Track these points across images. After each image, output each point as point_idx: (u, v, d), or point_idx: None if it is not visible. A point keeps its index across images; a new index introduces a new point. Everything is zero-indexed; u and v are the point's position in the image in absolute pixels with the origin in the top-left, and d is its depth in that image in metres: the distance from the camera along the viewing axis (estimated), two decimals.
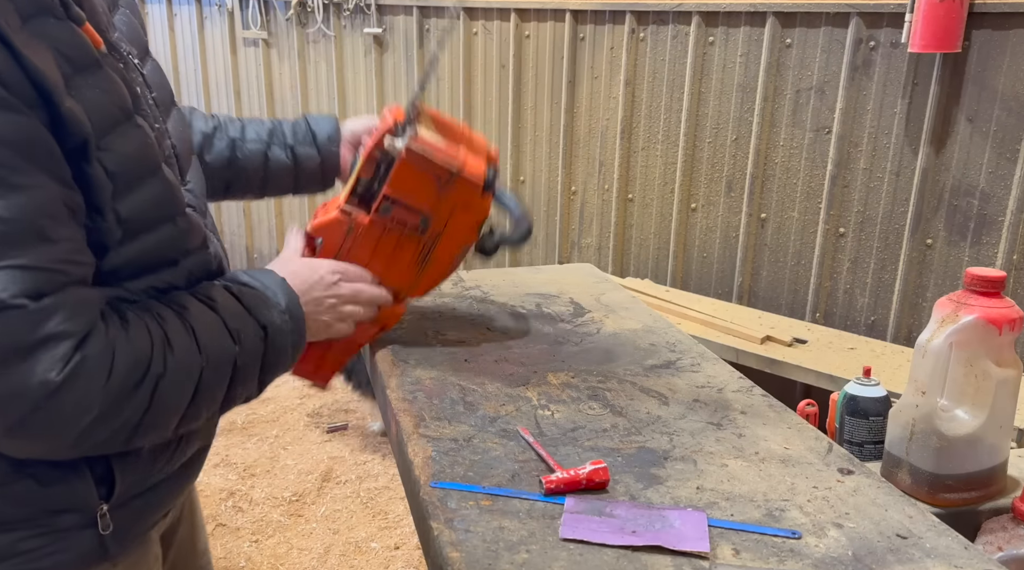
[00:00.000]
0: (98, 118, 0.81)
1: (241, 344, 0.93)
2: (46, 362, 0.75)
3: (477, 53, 3.81)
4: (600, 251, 3.59)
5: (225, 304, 0.94)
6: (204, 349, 0.89)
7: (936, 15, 2.44)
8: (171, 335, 0.86)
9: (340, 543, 2.75)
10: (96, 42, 0.83)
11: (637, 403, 1.15)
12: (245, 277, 1.00)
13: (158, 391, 0.84)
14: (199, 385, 0.88)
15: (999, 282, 1.13)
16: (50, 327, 0.76)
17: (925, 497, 1.17)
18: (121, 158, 0.83)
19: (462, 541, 0.84)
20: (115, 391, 0.80)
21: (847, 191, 2.87)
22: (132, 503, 0.96)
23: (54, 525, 0.89)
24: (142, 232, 0.88)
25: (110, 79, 0.84)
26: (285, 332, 0.98)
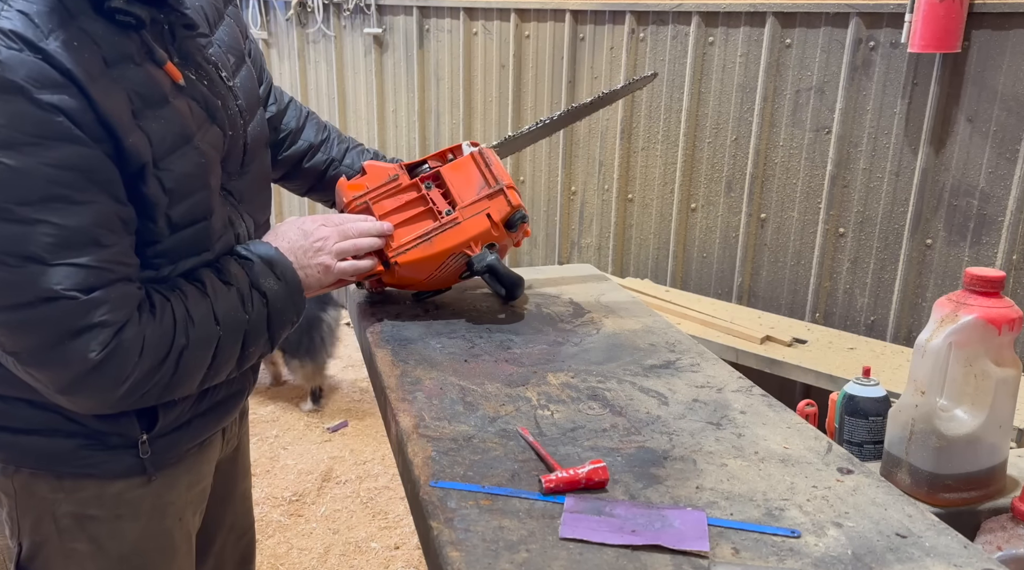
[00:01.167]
0: (160, 144, 1.00)
1: (249, 312, 1.09)
2: (91, 343, 0.94)
3: (477, 53, 3.81)
4: (600, 251, 3.59)
5: (238, 277, 1.11)
6: (221, 320, 1.06)
7: (936, 15, 2.44)
8: (192, 312, 1.04)
9: (340, 543, 2.75)
10: (175, 77, 1.03)
11: (637, 403, 1.15)
12: (244, 251, 1.15)
13: (183, 359, 1.03)
14: (216, 350, 1.06)
15: (998, 282, 1.13)
16: (96, 316, 0.94)
17: (924, 497, 1.17)
18: (178, 177, 1.02)
19: (462, 541, 0.84)
20: (147, 365, 0.99)
21: (847, 191, 2.87)
22: (169, 435, 1.14)
23: (105, 442, 1.10)
24: (184, 228, 1.06)
25: (179, 109, 1.03)
26: (282, 296, 1.14)
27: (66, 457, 1.10)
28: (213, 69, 1.12)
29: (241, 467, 1.45)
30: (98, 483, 1.12)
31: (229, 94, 1.14)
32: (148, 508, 1.16)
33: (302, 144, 1.46)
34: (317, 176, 1.49)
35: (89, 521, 1.13)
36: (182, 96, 1.04)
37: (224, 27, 1.18)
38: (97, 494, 1.12)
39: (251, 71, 1.24)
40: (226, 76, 1.14)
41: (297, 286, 1.16)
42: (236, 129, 1.15)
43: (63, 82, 0.90)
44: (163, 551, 1.19)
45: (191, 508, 1.24)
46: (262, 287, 1.12)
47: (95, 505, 1.13)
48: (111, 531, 1.14)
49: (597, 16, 3.35)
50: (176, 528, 1.20)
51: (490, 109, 3.82)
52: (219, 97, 1.11)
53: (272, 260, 1.15)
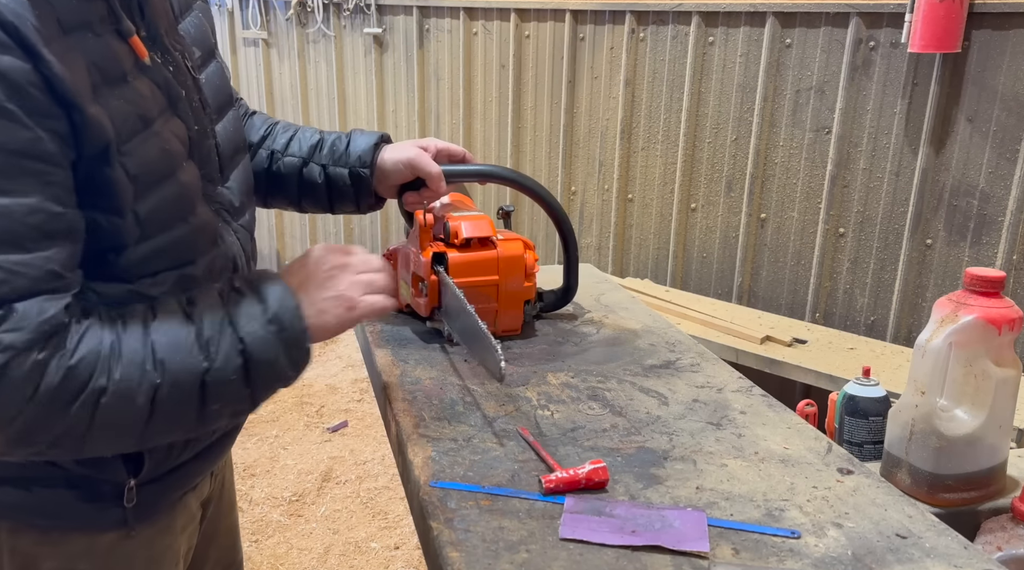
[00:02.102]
0: (121, 125, 0.85)
1: (212, 359, 0.86)
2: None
3: (477, 53, 3.81)
4: (600, 251, 3.59)
5: (206, 312, 0.89)
6: (161, 363, 0.84)
7: (936, 15, 2.44)
8: (124, 349, 0.83)
9: (340, 543, 2.75)
10: (141, 53, 0.90)
11: (637, 403, 1.15)
12: (240, 282, 0.95)
13: (101, 407, 0.81)
14: (155, 403, 0.84)
15: (999, 282, 1.13)
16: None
17: (924, 497, 1.17)
18: (141, 162, 0.87)
19: (462, 541, 0.84)
20: (43, 405, 0.78)
21: (847, 191, 2.87)
22: (160, 480, 1.01)
23: (92, 490, 0.96)
24: (158, 232, 0.91)
25: (137, 90, 0.89)
26: (269, 342, 0.89)
27: (47, 509, 0.96)
28: (180, 56, 0.99)
29: (226, 502, 1.32)
30: (87, 537, 0.99)
31: (194, 87, 1.01)
32: (143, 560, 1.04)
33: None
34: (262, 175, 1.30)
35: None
36: (143, 76, 0.90)
37: (191, 18, 1.06)
38: (87, 547, 0.99)
39: (220, 69, 1.11)
40: (192, 67, 1.02)
41: (298, 335, 0.92)
42: (202, 126, 1.01)
43: (5, 41, 0.75)
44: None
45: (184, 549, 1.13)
46: (241, 330, 0.89)
47: (84, 560, 1.00)
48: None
49: (597, 16, 3.35)
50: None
51: (490, 109, 3.82)
52: (183, 86, 0.97)
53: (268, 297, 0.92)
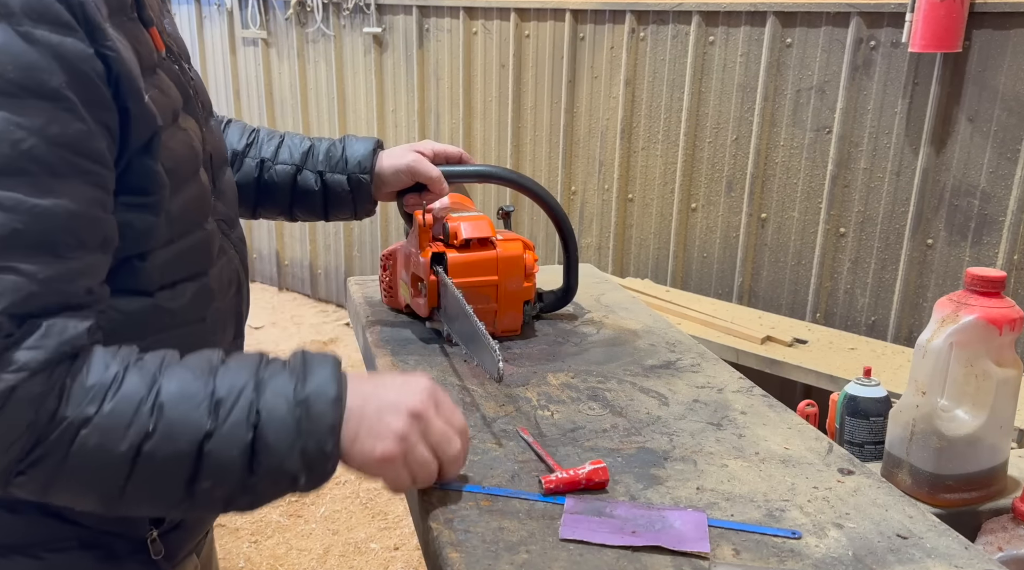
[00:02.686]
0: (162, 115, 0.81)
1: (219, 423, 0.74)
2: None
3: (477, 53, 3.81)
4: (600, 251, 3.59)
5: (232, 371, 0.78)
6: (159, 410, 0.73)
7: (937, 15, 2.44)
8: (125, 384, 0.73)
9: (339, 544, 2.75)
10: (159, 45, 0.86)
11: (637, 403, 1.15)
12: (296, 352, 0.82)
13: (78, 440, 0.71)
14: (140, 454, 0.72)
15: (999, 282, 1.13)
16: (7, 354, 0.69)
17: (925, 497, 1.17)
18: (173, 156, 0.83)
19: (462, 541, 0.84)
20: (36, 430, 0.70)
21: (847, 191, 2.86)
22: (179, 528, 0.95)
23: (109, 550, 0.88)
24: (181, 235, 0.87)
25: (166, 82, 0.86)
26: (288, 427, 0.76)
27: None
28: (178, 55, 0.96)
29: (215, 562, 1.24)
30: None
31: (191, 87, 0.96)
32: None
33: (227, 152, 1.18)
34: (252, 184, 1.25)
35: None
36: (162, 69, 0.87)
37: (168, 22, 1.01)
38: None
39: (199, 76, 1.05)
40: (189, 66, 0.99)
41: (321, 432, 0.77)
42: (204, 130, 0.97)
43: (70, 22, 0.70)
44: None
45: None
46: (261, 402, 0.76)
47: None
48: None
49: (597, 15, 3.35)
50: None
51: (490, 109, 3.82)
52: (188, 85, 0.94)
53: (310, 376, 0.78)
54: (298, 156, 1.28)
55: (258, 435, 0.75)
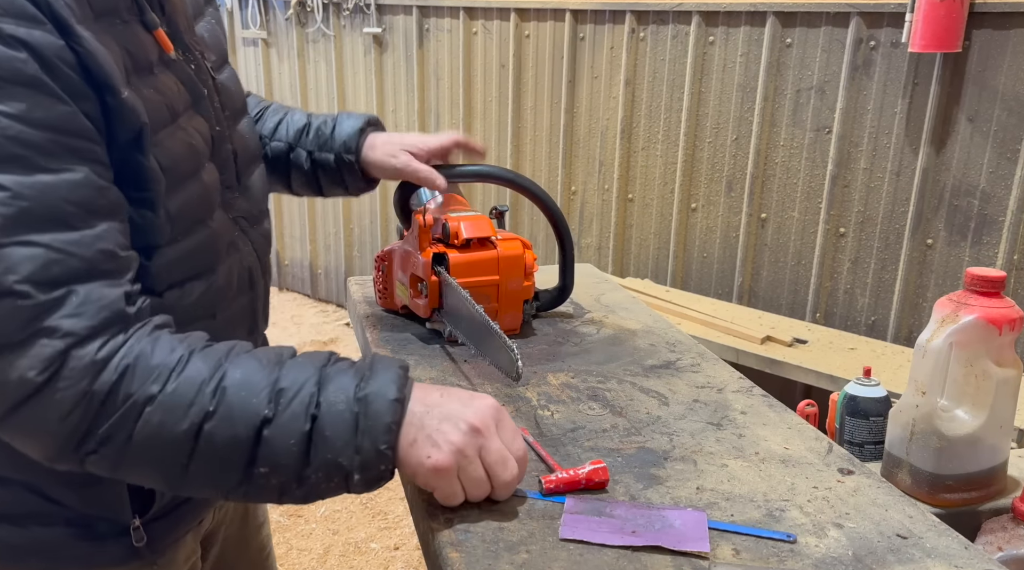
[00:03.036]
0: (152, 114, 0.82)
1: (279, 411, 0.77)
2: (34, 359, 0.70)
3: (477, 53, 3.81)
4: (600, 251, 3.59)
5: (298, 367, 0.80)
6: (221, 393, 0.76)
7: (936, 15, 2.44)
8: (189, 367, 0.76)
9: (340, 544, 2.75)
10: (166, 47, 0.88)
11: (637, 403, 1.15)
12: (365, 357, 0.85)
13: (143, 417, 0.74)
14: (200, 434, 0.75)
15: (999, 282, 1.13)
16: (48, 322, 0.71)
17: (925, 497, 1.17)
18: (170, 155, 0.85)
19: (462, 541, 0.84)
20: (95, 404, 0.73)
21: (847, 191, 2.87)
22: (167, 517, 0.96)
23: (91, 530, 0.90)
24: (184, 234, 0.88)
25: (166, 82, 0.87)
26: (345, 422, 0.78)
27: (44, 549, 0.89)
28: (199, 56, 0.97)
29: (251, 527, 1.27)
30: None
31: (214, 89, 0.99)
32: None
33: None
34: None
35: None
36: (168, 71, 0.89)
37: (204, 23, 1.04)
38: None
39: (234, 75, 1.09)
40: (211, 68, 1.00)
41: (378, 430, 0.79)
42: (222, 128, 0.99)
43: (36, 15, 0.71)
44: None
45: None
46: (323, 396, 0.78)
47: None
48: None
49: (597, 16, 3.35)
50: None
51: (490, 109, 3.82)
52: (204, 86, 0.95)
53: (373, 377, 0.80)
54: (292, 134, 1.29)
55: (315, 427, 0.77)
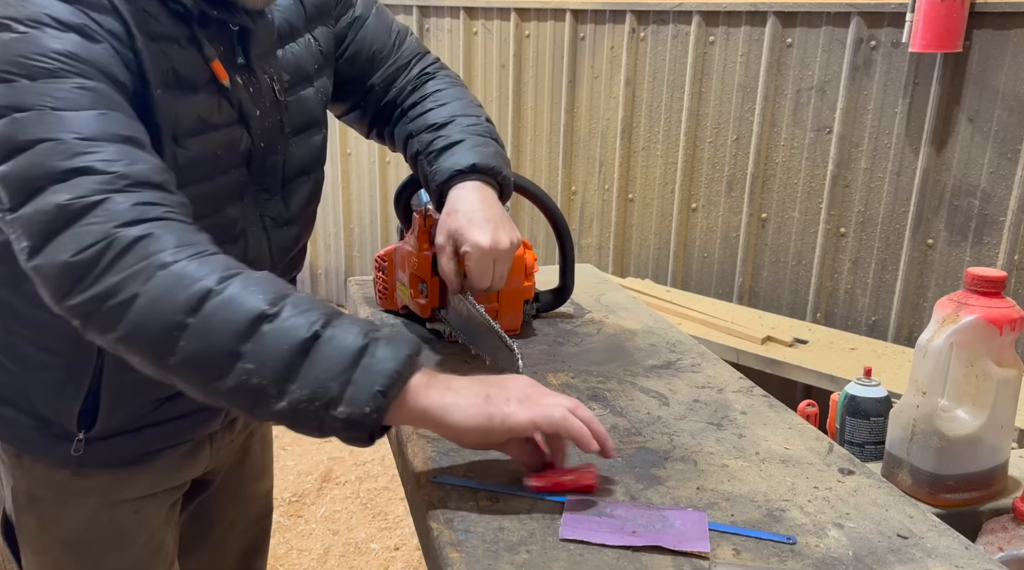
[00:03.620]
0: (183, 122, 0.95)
1: (278, 310, 0.80)
2: (74, 189, 0.78)
3: (477, 53, 3.81)
4: (600, 251, 3.59)
5: (315, 299, 0.85)
6: (226, 281, 0.80)
7: (937, 15, 2.44)
8: (209, 255, 0.82)
9: (340, 544, 2.75)
10: (220, 76, 0.98)
11: (637, 403, 1.15)
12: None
13: (153, 280, 0.78)
14: (200, 308, 0.78)
15: (1000, 282, 1.13)
16: (86, 160, 0.80)
17: (926, 497, 1.17)
18: (192, 157, 0.96)
19: (462, 542, 0.84)
20: (114, 251, 0.78)
21: (848, 191, 2.86)
22: (112, 439, 1.05)
23: (48, 428, 1.04)
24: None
25: (204, 101, 0.97)
26: (348, 352, 0.80)
27: (11, 431, 1.06)
28: (267, 79, 1.07)
29: (248, 474, 1.38)
30: (47, 467, 1.08)
31: (272, 108, 1.08)
32: (95, 500, 1.10)
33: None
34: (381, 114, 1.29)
35: (37, 501, 1.10)
36: (218, 93, 1.00)
37: (295, 44, 1.13)
38: (46, 477, 1.08)
39: (314, 94, 1.17)
40: (278, 90, 1.09)
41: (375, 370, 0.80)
42: (270, 143, 1.08)
43: (108, 6, 0.86)
44: (111, 542, 1.13)
45: (157, 502, 1.16)
46: (329, 321, 0.81)
47: (43, 488, 1.09)
48: (55, 515, 1.11)
49: (597, 15, 3.35)
50: (130, 520, 1.13)
51: (490, 109, 3.82)
52: (259, 106, 1.05)
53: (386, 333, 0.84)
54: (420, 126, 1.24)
55: (315, 343, 0.79)
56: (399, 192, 1.39)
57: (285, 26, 1.11)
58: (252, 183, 1.08)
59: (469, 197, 1.14)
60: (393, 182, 4.19)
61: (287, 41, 1.12)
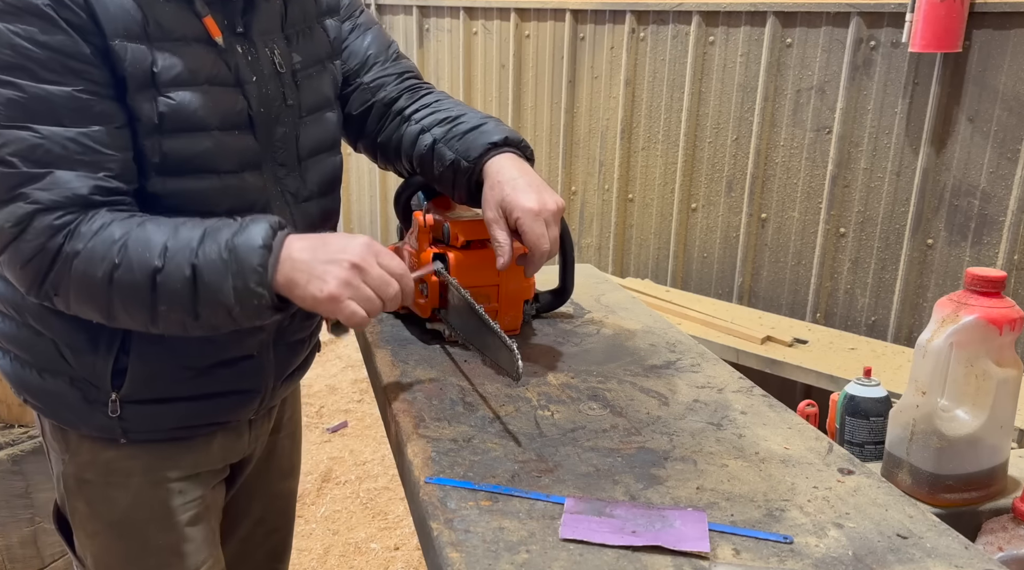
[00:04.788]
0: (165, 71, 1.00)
1: (166, 262, 0.97)
2: (9, 215, 0.94)
3: (477, 53, 3.81)
4: (600, 251, 3.59)
5: (189, 227, 0.99)
6: (123, 250, 0.96)
7: (937, 15, 2.44)
8: (106, 232, 0.96)
9: (340, 544, 2.75)
10: (213, 32, 1.03)
11: (637, 403, 1.15)
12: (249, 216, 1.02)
13: (74, 267, 0.96)
14: (112, 280, 0.96)
15: (999, 282, 1.13)
16: (26, 190, 0.93)
17: (925, 497, 1.17)
18: (176, 107, 1.01)
19: (462, 541, 0.84)
20: (47, 257, 0.95)
21: (848, 191, 2.86)
22: (143, 405, 1.12)
23: (85, 393, 1.10)
24: (182, 172, 1.04)
25: (196, 54, 1.02)
26: (217, 266, 0.97)
27: (61, 401, 1.12)
28: (267, 52, 1.11)
29: (275, 469, 1.43)
30: (91, 449, 1.15)
31: (274, 80, 1.12)
32: (139, 478, 1.16)
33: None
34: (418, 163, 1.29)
35: (86, 484, 1.17)
36: (211, 50, 1.04)
37: (308, 31, 1.18)
38: (91, 459, 1.15)
39: (329, 79, 1.22)
40: (280, 64, 1.13)
41: (246, 270, 0.97)
42: (271, 111, 1.11)
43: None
44: (157, 521, 1.18)
45: (200, 482, 1.21)
46: (201, 248, 0.97)
47: (90, 470, 1.16)
48: (103, 496, 1.17)
49: (597, 16, 3.35)
50: (173, 498, 1.19)
51: (490, 109, 3.82)
52: (256, 73, 1.09)
53: (245, 230, 0.99)
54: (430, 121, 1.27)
55: (196, 273, 0.97)
56: (399, 192, 1.39)
57: (297, 13, 1.16)
58: (267, 155, 1.12)
59: (508, 168, 1.20)
60: (393, 182, 4.19)
61: (298, 26, 1.17)
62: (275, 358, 1.21)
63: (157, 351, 1.09)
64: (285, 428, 1.42)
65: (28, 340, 1.11)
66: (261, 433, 1.32)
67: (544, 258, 1.18)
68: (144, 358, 1.09)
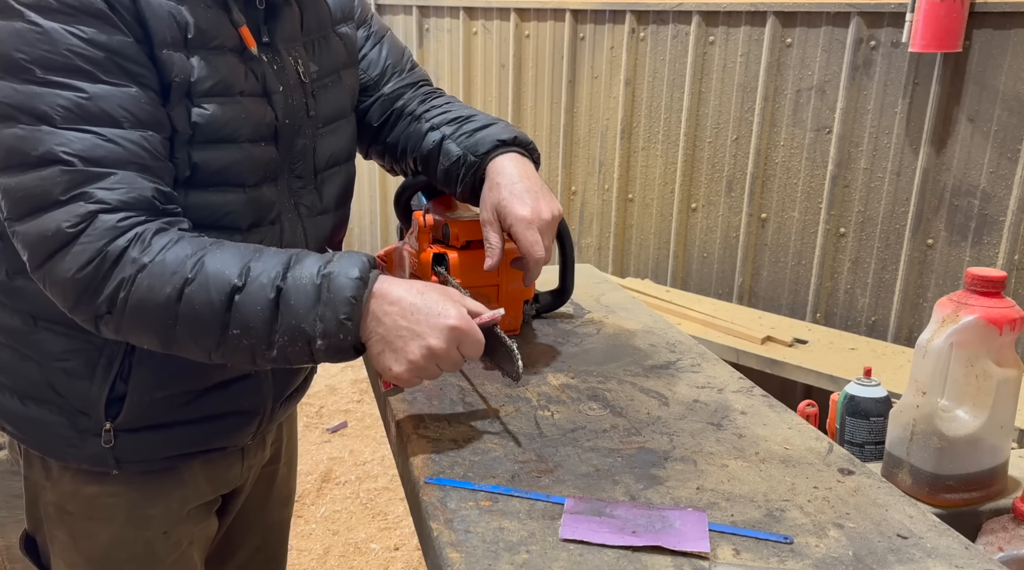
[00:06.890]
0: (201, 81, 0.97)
1: (248, 282, 0.90)
2: (68, 214, 0.88)
3: (477, 53, 3.81)
4: (600, 251, 3.59)
5: (274, 252, 0.94)
6: (199, 266, 0.90)
7: (937, 15, 2.44)
8: (179, 246, 0.91)
9: (340, 544, 2.75)
10: (248, 42, 1.02)
11: (637, 403, 1.15)
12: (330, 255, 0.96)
13: (136, 282, 0.89)
14: (182, 297, 0.90)
15: (1000, 282, 1.13)
16: (87, 189, 0.88)
17: (926, 497, 1.17)
18: (210, 117, 0.98)
19: (462, 542, 0.84)
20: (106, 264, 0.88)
21: (848, 191, 2.86)
22: (139, 432, 1.06)
23: (75, 423, 1.05)
24: (210, 185, 1.00)
25: (229, 64, 1.00)
26: (307, 292, 0.90)
27: (46, 430, 1.06)
28: (291, 61, 1.09)
29: (275, 497, 1.39)
30: (74, 480, 1.09)
31: (298, 90, 1.10)
32: (123, 517, 1.11)
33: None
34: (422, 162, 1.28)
35: (67, 515, 1.12)
36: (243, 61, 1.02)
37: (323, 41, 1.16)
38: (73, 491, 1.10)
39: (344, 87, 1.20)
40: (304, 73, 1.11)
41: (338, 301, 0.91)
42: (296, 123, 1.10)
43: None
44: (139, 562, 1.13)
45: (187, 523, 1.16)
46: (289, 272, 0.91)
47: (72, 502, 1.11)
48: (84, 531, 1.12)
49: (597, 15, 3.35)
50: (158, 541, 1.14)
51: (490, 109, 3.82)
52: (283, 84, 1.07)
53: (339, 260, 0.93)
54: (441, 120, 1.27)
55: (281, 296, 0.91)
56: (399, 192, 1.39)
57: (313, 21, 1.14)
58: (285, 167, 1.09)
59: (509, 170, 1.19)
60: (393, 183, 4.19)
61: (314, 34, 1.15)
62: (274, 378, 1.16)
63: (158, 376, 1.04)
64: (283, 456, 1.39)
65: (10, 364, 1.06)
66: (254, 463, 1.27)
67: (539, 265, 1.17)
68: (144, 384, 1.04)
